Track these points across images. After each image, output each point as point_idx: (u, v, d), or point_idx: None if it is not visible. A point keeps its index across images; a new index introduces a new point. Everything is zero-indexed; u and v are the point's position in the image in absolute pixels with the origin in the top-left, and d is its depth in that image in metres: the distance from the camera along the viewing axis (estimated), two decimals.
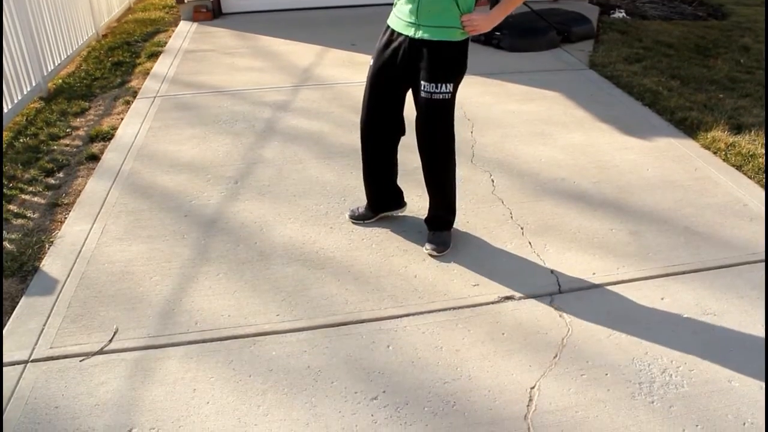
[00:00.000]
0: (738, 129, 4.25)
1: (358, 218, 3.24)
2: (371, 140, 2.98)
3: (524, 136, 4.20)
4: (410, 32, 2.66)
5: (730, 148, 3.96)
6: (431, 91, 2.65)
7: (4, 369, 2.39)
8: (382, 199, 3.20)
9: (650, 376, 2.31)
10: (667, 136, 4.20)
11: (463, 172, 3.66)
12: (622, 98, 4.86)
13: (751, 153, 3.88)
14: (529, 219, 3.26)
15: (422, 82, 2.66)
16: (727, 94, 4.89)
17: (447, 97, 2.67)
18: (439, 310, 2.65)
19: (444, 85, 2.64)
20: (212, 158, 3.96)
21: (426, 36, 2.63)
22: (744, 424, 2.11)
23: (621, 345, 2.45)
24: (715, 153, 3.94)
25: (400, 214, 3.27)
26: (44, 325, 2.60)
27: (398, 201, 3.23)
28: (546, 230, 3.17)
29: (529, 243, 3.07)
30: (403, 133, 2.96)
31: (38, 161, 4.06)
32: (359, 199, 3.39)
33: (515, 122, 4.41)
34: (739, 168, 3.76)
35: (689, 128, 4.28)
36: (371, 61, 2.83)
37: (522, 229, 3.18)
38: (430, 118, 2.74)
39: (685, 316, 2.59)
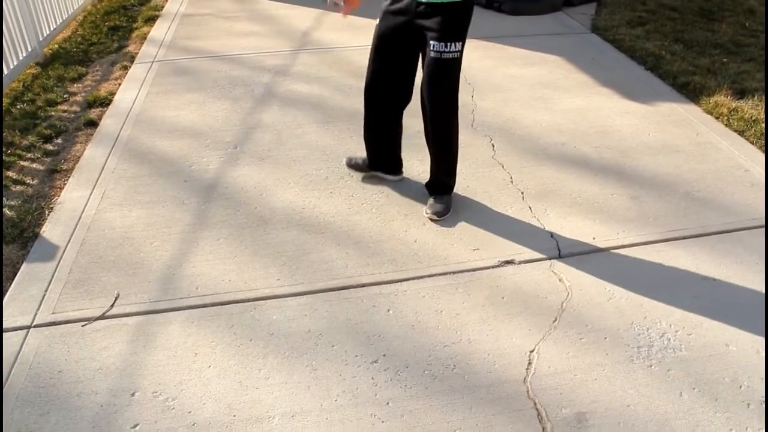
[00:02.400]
0: (741, 94, 4.21)
1: (352, 166, 3.28)
2: (374, 104, 2.97)
3: (525, 100, 4.16)
4: None
5: (732, 113, 3.93)
6: (441, 50, 2.64)
7: (8, 334, 2.40)
8: (378, 160, 3.21)
9: (649, 340, 2.32)
10: (669, 100, 4.16)
11: (463, 137, 3.61)
12: (625, 62, 4.81)
13: (753, 118, 3.85)
14: (530, 183, 3.25)
15: (432, 42, 2.65)
16: (731, 59, 4.84)
17: (456, 55, 2.67)
18: (439, 275, 2.65)
19: (454, 44, 2.64)
20: (211, 123, 3.93)
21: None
22: (740, 387, 2.13)
23: (620, 309, 2.46)
24: (717, 118, 3.91)
25: (391, 179, 3.26)
26: (46, 291, 2.61)
27: (394, 167, 3.24)
28: (546, 195, 3.16)
29: (530, 207, 3.07)
30: (408, 100, 2.95)
31: (36, 127, 4.04)
32: None
33: (516, 86, 4.37)
34: (741, 133, 3.73)
35: (692, 93, 4.24)
36: (377, 22, 2.81)
37: (522, 193, 3.18)
38: (438, 76, 2.72)
39: (685, 280, 2.60)
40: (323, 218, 3.02)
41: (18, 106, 4.29)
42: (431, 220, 2.97)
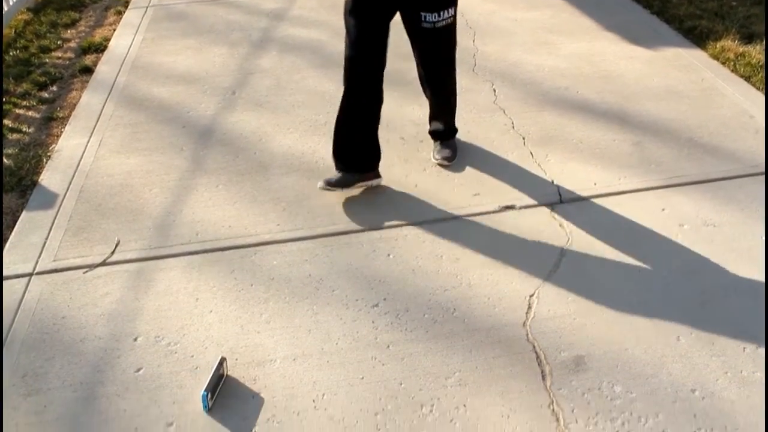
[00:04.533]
0: (749, 38, 4.12)
1: (335, 185, 2.67)
2: (362, 79, 2.58)
3: (527, 44, 4.09)
4: None
5: (739, 58, 3.85)
6: (434, 20, 2.42)
7: (10, 282, 2.41)
8: (364, 155, 2.74)
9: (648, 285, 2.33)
10: (674, 45, 4.08)
11: (464, 82, 3.58)
12: (630, 6, 4.70)
13: (760, 63, 3.78)
14: (531, 129, 3.22)
15: (422, 14, 2.42)
16: (740, 2, 4.72)
17: (450, 21, 2.47)
18: (440, 220, 2.65)
19: (447, 11, 2.42)
20: (208, 69, 3.88)
21: None
22: (737, 331, 2.14)
23: (620, 255, 2.46)
24: (723, 63, 3.84)
25: (374, 184, 2.79)
26: (46, 239, 2.61)
27: (375, 161, 2.78)
28: (548, 140, 3.13)
29: (531, 153, 3.04)
30: (384, 66, 2.60)
31: (30, 75, 3.99)
32: None
33: (518, 30, 4.28)
34: (747, 79, 3.67)
35: (698, 37, 4.16)
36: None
37: (524, 139, 3.15)
38: (436, 47, 2.56)
39: (685, 227, 2.59)
40: (323, 163, 2.99)
41: (11, 53, 4.23)
42: (441, 165, 2.94)
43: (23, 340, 2.18)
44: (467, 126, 3.23)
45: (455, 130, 3.04)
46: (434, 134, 3.04)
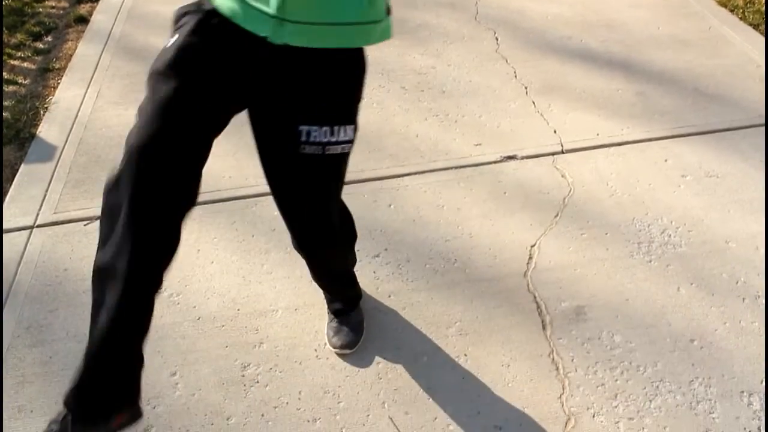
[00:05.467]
0: None
1: None
2: (145, 199, 1.38)
3: None
4: (264, 30, 1.30)
5: (748, 5, 3.77)
6: (325, 141, 1.40)
7: (11, 234, 2.41)
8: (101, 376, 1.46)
9: (649, 236, 2.33)
10: None
11: (466, 30, 3.52)
12: None
13: None
14: (534, 78, 3.17)
15: (304, 128, 1.38)
16: None
17: (348, 149, 1.47)
18: (441, 170, 2.63)
19: (345, 129, 1.42)
20: None
21: (306, 41, 1.31)
22: (737, 282, 2.15)
23: (622, 205, 2.45)
24: (732, 11, 3.76)
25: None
26: (46, 191, 2.60)
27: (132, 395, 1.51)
28: (550, 90, 3.09)
29: (533, 102, 3.01)
30: (193, 204, 1.50)
31: (24, 25, 3.91)
32: None
33: None
34: (755, 27, 3.60)
35: None
36: (154, 70, 1.40)
37: (526, 88, 3.11)
38: (319, 187, 1.55)
39: (688, 177, 2.58)
40: None
41: (4, 2, 4.14)
42: (339, 355, 1.98)
43: (27, 293, 2.19)
44: (469, 74, 3.18)
45: (359, 296, 2.08)
46: (330, 308, 2.05)
